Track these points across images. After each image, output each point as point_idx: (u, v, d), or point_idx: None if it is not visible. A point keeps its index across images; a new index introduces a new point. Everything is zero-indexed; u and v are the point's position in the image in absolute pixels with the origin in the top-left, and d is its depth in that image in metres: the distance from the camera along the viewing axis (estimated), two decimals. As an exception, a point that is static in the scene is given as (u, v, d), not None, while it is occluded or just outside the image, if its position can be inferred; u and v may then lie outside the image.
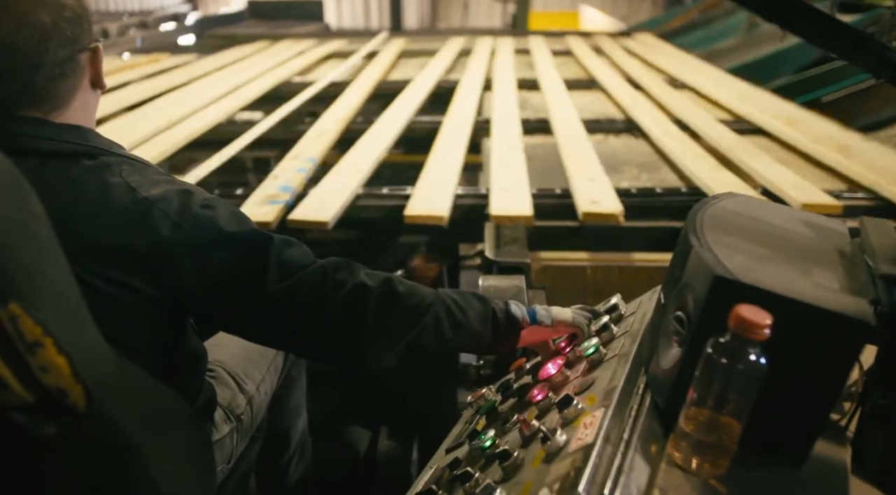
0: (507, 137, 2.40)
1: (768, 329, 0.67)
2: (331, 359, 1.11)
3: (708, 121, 2.60)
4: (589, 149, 2.24)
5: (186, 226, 0.89)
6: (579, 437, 0.79)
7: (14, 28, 0.84)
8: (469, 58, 4.24)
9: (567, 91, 3.25)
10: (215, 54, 4.46)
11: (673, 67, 3.65)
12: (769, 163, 2.04)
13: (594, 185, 1.83)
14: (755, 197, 1.33)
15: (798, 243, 0.87)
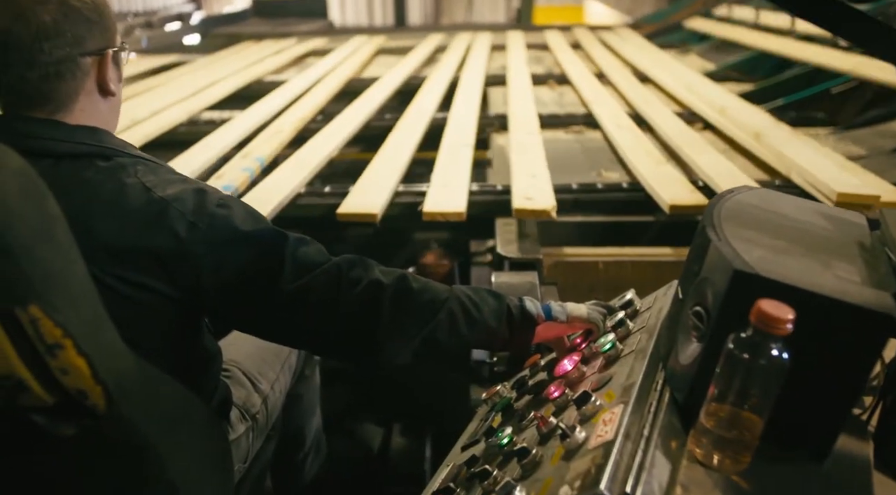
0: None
1: (791, 323, 0.66)
2: (346, 355, 1.11)
3: (664, 114, 2.58)
4: (538, 145, 2.21)
5: (202, 226, 0.89)
6: (599, 434, 0.79)
7: (10, 22, 0.84)
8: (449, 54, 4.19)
9: (534, 85, 3.22)
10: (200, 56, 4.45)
11: (642, 60, 3.65)
12: (712, 155, 2.03)
13: (534, 182, 1.83)
14: (772, 190, 1.32)
15: (817, 236, 0.86)
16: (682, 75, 3.24)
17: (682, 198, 1.65)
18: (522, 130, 2.38)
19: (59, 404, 0.70)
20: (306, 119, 2.70)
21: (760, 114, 2.49)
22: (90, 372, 0.68)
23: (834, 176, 1.72)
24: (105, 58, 0.94)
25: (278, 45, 4.75)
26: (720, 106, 2.60)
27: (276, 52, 4.45)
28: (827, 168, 1.79)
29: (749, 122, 2.34)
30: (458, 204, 1.69)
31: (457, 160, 2.09)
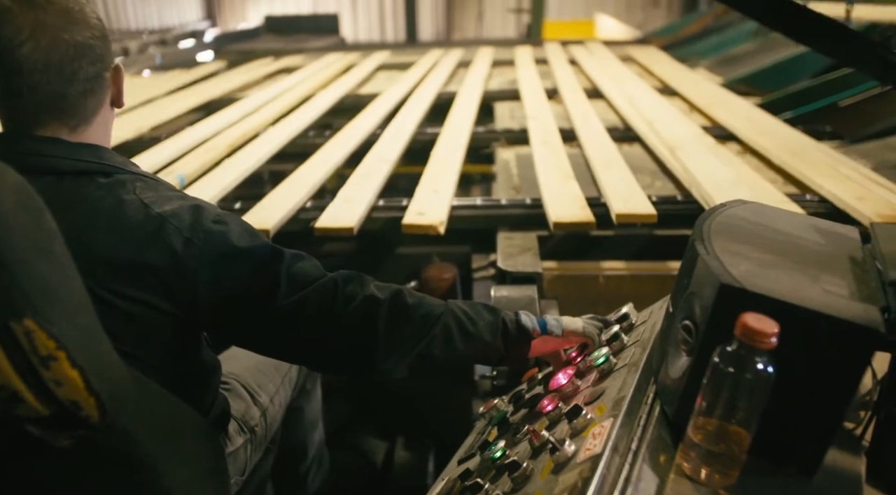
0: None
1: (775, 337, 0.66)
2: (342, 370, 1.12)
3: (596, 128, 2.57)
4: (456, 160, 2.20)
5: (199, 242, 0.91)
6: (588, 447, 0.79)
7: (51, 45, 0.87)
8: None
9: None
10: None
11: (605, 73, 3.66)
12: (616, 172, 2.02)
13: (434, 197, 1.84)
14: (765, 203, 1.32)
15: (807, 249, 0.86)
16: (634, 88, 3.24)
17: (569, 216, 1.66)
18: (446, 147, 2.40)
19: (54, 415, 0.71)
20: (247, 135, 2.69)
21: (691, 127, 2.50)
22: (83, 384, 0.69)
23: (721, 190, 1.73)
24: (119, 71, 0.97)
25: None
26: (650, 119, 2.59)
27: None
28: (720, 182, 1.79)
29: (671, 135, 2.34)
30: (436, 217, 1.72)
31: (445, 173, 2.10)
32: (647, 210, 1.65)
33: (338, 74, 4.15)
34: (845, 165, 2.00)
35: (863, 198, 1.71)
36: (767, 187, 1.82)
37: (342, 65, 4.44)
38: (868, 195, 1.73)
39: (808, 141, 2.32)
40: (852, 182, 1.85)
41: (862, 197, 1.71)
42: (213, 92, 3.68)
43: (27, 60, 0.87)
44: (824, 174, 1.92)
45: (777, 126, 2.52)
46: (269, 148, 2.47)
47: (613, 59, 4.23)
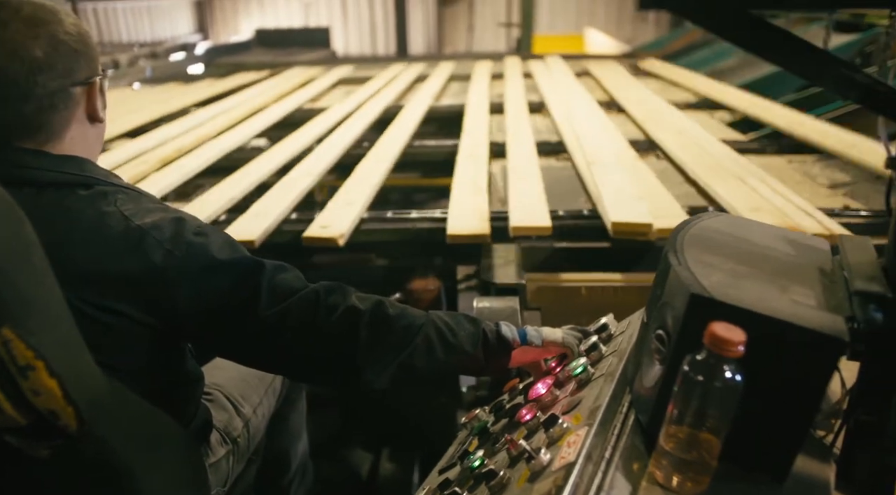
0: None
1: (742, 346, 0.68)
2: (324, 381, 1.13)
3: (525, 143, 2.59)
4: (378, 175, 2.23)
5: (179, 254, 0.92)
6: (562, 456, 0.80)
7: (6, 60, 0.88)
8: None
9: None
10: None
11: (554, 88, 3.70)
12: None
13: (347, 209, 1.86)
14: (740, 216, 1.34)
15: (778, 261, 0.88)
16: (579, 102, 3.29)
17: (466, 229, 1.70)
18: (373, 159, 2.43)
19: (32, 425, 0.72)
20: (179, 151, 2.70)
21: (618, 142, 2.54)
22: (61, 393, 0.69)
23: (619, 205, 1.76)
24: (93, 86, 0.97)
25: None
26: (581, 133, 2.64)
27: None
28: (623, 196, 1.83)
29: (593, 150, 2.39)
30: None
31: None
32: (544, 223, 1.70)
33: (295, 88, 4.18)
34: (755, 178, 2.05)
35: (758, 209, 1.76)
36: (669, 201, 1.86)
37: (302, 78, 4.47)
38: (764, 206, 1.78)
39: (731, 154, 2.36)
40: (755, 194, 1.90)
41: (758, 208, 1.76)
42: (169, 106, 3.70)
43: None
44: (729, 186, 1.97)
45: (706, 140, 2.57)
46: (199, 162, 2.49)
47: (569, 73, 4.30)
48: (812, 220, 1.68)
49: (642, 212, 1.70)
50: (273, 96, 3.86)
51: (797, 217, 1.70)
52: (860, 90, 0.70)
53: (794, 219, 1.69)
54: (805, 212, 1.74)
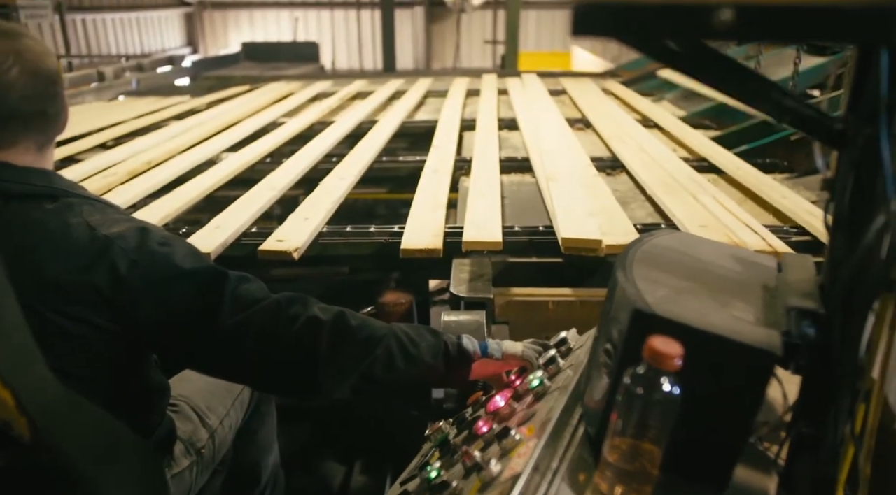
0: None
1: (679, 359, 0.70)
2: (286, 390, 1.14)
3: (489, 158, 2.64)
4: (340, 190, 2.25)
5: (143, 263, 0.94)
6: (511, 467, 0.82)
7: (33, 71, 0.92)
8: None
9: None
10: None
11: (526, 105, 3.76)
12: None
13: (304, 224, 1.89)
14: (693, 234, 1.38)
15: (724, 278, 0.91)
16: (549, 119, 3.35)
17: (417, 244, 1.73)
18: (335, 175, 2.46)
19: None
20: (152, 162, 2.71)
21: (580, 159, 2.59)
22: (14, 403, 0.71)
23: (572, 220, 1.80)
24: (65, 104, 1.00)
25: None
26: (546, 150, 2.68)
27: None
28: (575, 213, 1.86)
29: (555, 167, 2.43)
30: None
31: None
32: (495, 239, 1.74)
33: (272, 102, 4.21)
34: (707, 195, 2.09)
35: (706, 226, 1.79)
36: (622, 218, 1.90)
37: (280, 93, 4.50)
38: (712, 223, 1.82)
39: (689, 172, 2.40)
40: (705, 211, 1.93)
41: (705, 225, 1.80)
42: (144, 120, 3.71)
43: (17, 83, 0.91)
44: (682, 203, 2.01)
45: (667, 157, 2.61)
46: (166, 175, 2.51)
47: (543, 90, 4.36)
48: (757, 237, 1.72)
49: (592, 228, 1.73)
50: (249, 110, 3.88)
51: (742, 233, 1.74)
52: (791, 114, 0.73)
53: (739, 234, 1.72)
54: (751, 228, 1.78)
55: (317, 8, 12.69)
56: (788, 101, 0.72)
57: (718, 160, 2.59)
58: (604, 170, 2.56)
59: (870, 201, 0.73)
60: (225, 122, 3.51)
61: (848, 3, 0.52)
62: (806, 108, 0.74)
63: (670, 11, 0.56)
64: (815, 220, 1.85)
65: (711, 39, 0.59)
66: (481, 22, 11.41)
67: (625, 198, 2.23)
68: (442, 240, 1.74)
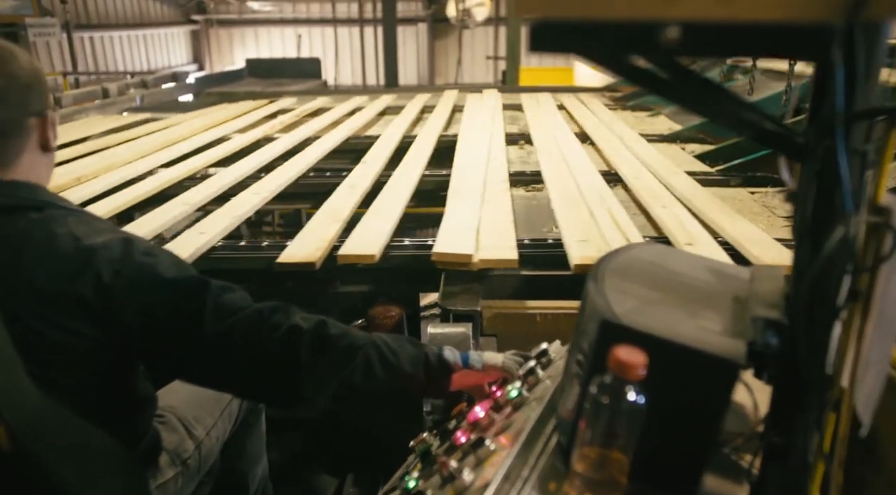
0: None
1: (642, 369, 0.72)
2: (267, 398, 1.16)
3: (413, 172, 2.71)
4: (248, 205, 2.31)
5: (127, 273, 0.96)
6: (484, 476, 0.83)
7: None
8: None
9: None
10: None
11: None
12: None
13: (199, 238, 1.93)
14: (670, 246, 1.39)
15: (696, 289, 0.92)
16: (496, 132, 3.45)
17: (295, 257, 1.79)
18: (250, 191, 2.53)
19: (-34, 442, 0.74)
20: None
21: (499, 173, 2.63)
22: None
23: (448, 237, 1.86)
24: (46, 118, 1.02)
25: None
26: (463, 165, 2.75)
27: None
28: (459, 230, 1.91)
29: (462, 182, 2.49)
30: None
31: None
32: (370, 252, 1.81)
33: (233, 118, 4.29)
34: (603, 209, 2.12)
35: (585, 240, 1.83)
36: (503, 231, 1.94)
37: (240, 110, 4.54)
38: (591, 238, 1.84)
39: (601, 186, 2.43)
40: (590, 226, 1.96)
41: (585, 240, 1.83)
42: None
43: None
44: (574, 218, 2.05)
45: (584, 172, 2.65)
46: (91, 189, 2.56)
47: (498, 107, 4.46)
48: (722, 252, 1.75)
49: (468, 243, 1.79)
50: (203, 126, 3.95)
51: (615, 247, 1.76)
52: (753, 127, 0.74)
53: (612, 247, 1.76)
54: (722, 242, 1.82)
55: (321, 25, 12.84)
56: (749, 115, 0.74)
57: (627, 171, 2.64)
58: (523, 185, 2.63)
59: (830, 213, 0.74)
60: (172, 138, 3.58)
61: (786, 22, 0.54)
62: (767, 121, 0.75)
63: (619, 29, 0.57)
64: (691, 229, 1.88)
65: (657, 56, 0.61)
66: (484, 38, 11.51)
67: (528, 212, 2.28)
68: (323, 254, 1.79)
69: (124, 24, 11.48)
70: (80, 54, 9.50)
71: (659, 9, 0.60)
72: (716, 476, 0.86)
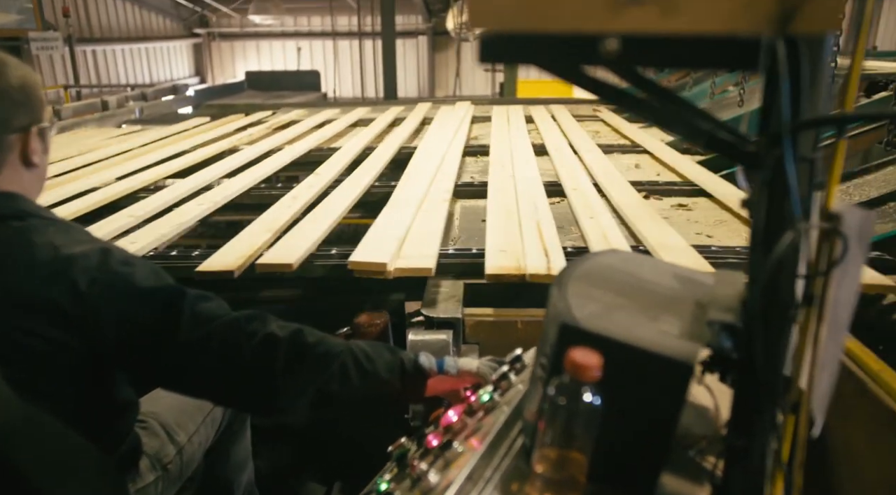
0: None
1: (598, 370, 0.74)
2: (245, 405, 1.18)
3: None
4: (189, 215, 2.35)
5: (104, 281, 0.98)
6: (449, 477, 0.85)
7: None
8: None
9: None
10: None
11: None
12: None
13: (130, 247, 1.98)
14: (640, 254, 1.41)
15: (659, 294, 0.94)
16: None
17: (214, 265, 1.81)
18: (194, 202, 2.58)
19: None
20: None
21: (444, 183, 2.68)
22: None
23: (369, 246, 1.90)
24: (29, 134, 1.04)
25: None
26: (410, 174, 2.80)
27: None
28: (383, 240, 1.96)
29: (403, 192, 2.52)
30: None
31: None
32: (287, 261, 1.84)
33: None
34: (532, 220, 2.16)
35: (505, 250, 1.86)
36: (428, 241, 1.97)
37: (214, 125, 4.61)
38: (511, 249, 1.88)
39: (540, 198, 2.46)
40: (515, 236, 2.00)
41: (504, 250, 1.87)
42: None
43: None
44: (502, 228, 2.09)
45: (527, 183, 2.69)
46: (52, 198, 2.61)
47: (467, 118, 4.51)
48: (544, 261, 1.78)
49: (386, 253, 1.83)
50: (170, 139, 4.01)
51: (529, 258, 1.79)
52: (706, 136, 0.77)
53: (526, 260, 1.78)
54: (546, 254, 1.84)
55: (321, 38, 12.95)
56: (703, 123, 0.76)
57: (569, 183, 2.69)
58: (469, 196, 2.69)
59: (781, 219, 0.76)
60: (141, 151, 3.63)
61: (717, 35, 0.56)
62: (721, 129, 0.78)
63: (563, 41, 0.60)
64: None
65: (601, 66, 0.63)
66: (483, 50, 11.56)
67: (465, 223, 2.34)
68: (244, 263, 1.83)
69: (127, 38, 11.60)
70: (82, 67, 9.60)
71: (604, 21, 0.63)
72: (680, 478, 0.88)
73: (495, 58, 0.64)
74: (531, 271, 1.69)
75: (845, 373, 1.39)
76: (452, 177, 2.84)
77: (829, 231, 0.78)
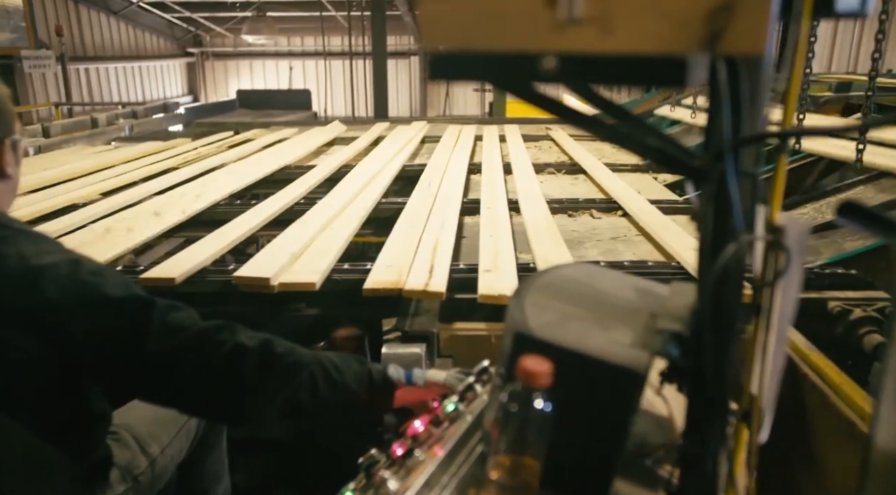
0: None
1: (548, 377, 0.76)
2: (214, 415, 1.19)
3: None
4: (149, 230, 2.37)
5: (74, 291, 0.99)
6: (407, 484, 0.87)
7: None
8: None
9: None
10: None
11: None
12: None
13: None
14: (601, 267, 1.43)
15: (616, 305, 0.96)
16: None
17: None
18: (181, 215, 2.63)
19: None
20: None
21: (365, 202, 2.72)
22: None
23: (260, 262, 1.92)
24: (3, 146, 1.07)
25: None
26: (350, 194, 2.84)
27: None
28: (277, 255, 1.99)
29: (328, 210, 2.57)
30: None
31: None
32: (170, 275, 1.84)
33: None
34: (432, 235, 2.21)
35: (391, 265, 1.90)
36: (324, 257, 2.00)
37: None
38: (398, 264, 1.91)
39: (449, 219, 2.48)
40: (409, 252, 2.03)
41: (391, 265, 1.91)
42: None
43: None
44: (401, 245, 2.12)
45: (447, 204, 2.72)
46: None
47: (416, 139, 4.58)
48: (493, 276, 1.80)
49: (306, 272, 1.85)
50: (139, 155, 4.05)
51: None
52: (655, 152, 0.80)
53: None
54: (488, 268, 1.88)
55: (314, 57, 13.06)
56: (652, 140, 0.79)
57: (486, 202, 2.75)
58: (383, 214, 2.73)
59: (725, 232, 0.79)
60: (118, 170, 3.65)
61: (650, 54, 0.60)
62: (669, 145, 0.81)
63: (502, 60, 0.63)
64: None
65: (541, 82, 0.66)
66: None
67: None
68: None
69: (121, 57, 11.67)
70: (75, 85, 9.64)
71: (547, 41, 0.66)
72: (636, 486, 0.90)
73: (445, 76, 0.67)
74: (409, 287, 1.72)
75: (808, 386, 1.41)
76: (375, 195, 2.88)
77: (773, 243, 0.81)
